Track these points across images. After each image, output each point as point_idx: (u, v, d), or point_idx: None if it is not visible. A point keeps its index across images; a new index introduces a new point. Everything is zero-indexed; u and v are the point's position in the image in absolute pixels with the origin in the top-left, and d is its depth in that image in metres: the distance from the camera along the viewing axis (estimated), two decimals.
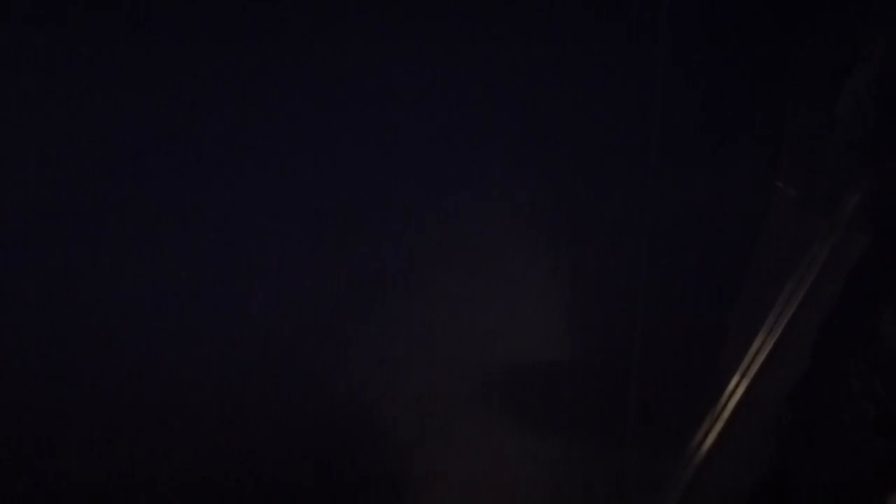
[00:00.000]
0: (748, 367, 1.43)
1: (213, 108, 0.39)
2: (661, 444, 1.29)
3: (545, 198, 0.72)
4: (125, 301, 0.40)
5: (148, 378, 0.44)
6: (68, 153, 0.35)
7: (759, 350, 1.44)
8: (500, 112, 0.58)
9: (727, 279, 1.15)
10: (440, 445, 0.75)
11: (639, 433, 1.04)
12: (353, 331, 0.58)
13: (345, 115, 0.45)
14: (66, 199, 0.35)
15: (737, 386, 1.41)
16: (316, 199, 0.47)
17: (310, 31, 0.40)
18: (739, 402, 1.41)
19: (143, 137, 0.37)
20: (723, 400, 1.40)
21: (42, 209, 0.35)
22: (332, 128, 0.45)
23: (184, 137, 0.38)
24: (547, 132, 0.65)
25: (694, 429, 1.36)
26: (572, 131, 0.67)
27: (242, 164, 0.42)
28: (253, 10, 0.37)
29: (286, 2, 0.39)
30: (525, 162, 0.65)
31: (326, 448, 0.62)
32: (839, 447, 1.02)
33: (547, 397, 0.91)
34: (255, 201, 0.44)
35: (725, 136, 0.90)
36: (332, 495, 0.65)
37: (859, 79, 1.20)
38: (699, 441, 1.36)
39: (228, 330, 0.47)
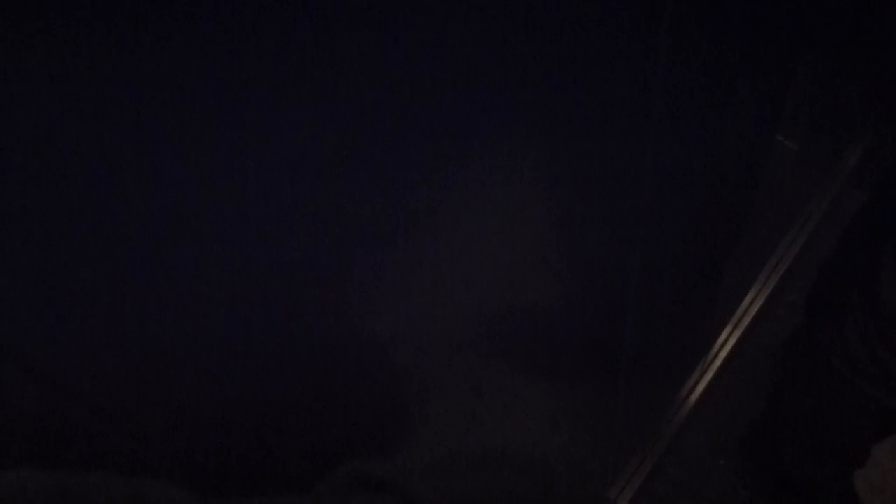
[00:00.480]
0: (741, 318, 1.44)
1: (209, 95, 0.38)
2: (654, 391, 1.31)
3: (545, 139, 0.72)
4: (131, 226, 0.40)
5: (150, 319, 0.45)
6: (67, 151, 0.35)
7: (753, 302, 1.46)
8: (495, 62, 0.58)
9: (724, 230, 1.16)
10: (439, 384, 0.76)
11: (632, 379, 1.06)
12: (354, 274, 0.58)
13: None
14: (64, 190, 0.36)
15: (729, 336, 1.43)
16: (318, 142, 0.48)
17: (309, 28, 0.40)
18: (731, 353, 1.42)
19: (142, 133, 0.37)
20: (715, 349, 1.41)
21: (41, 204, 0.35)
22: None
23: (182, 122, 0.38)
24: (547, 72, 0.65)
25: (685, 376, 1.38)
26: (573, 80, 0.67)
27: (242, 106, 0.42)
28: (252, 10, 0.37)
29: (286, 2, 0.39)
30: (526, 104, 0.65)
31: (330, 389, 0.63)
32: (832, 397, 1.03)
33: (543, 342, 0.92)
34: (257, 143, 0.44)
35: (727, 89, 0.90)
36: (335, 435, 0.66)
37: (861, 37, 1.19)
38: (690, 388, 1.38)
39: (232, 276, 0.48)
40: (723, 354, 1.41)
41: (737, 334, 1.43)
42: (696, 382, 1.38)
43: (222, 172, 0.42)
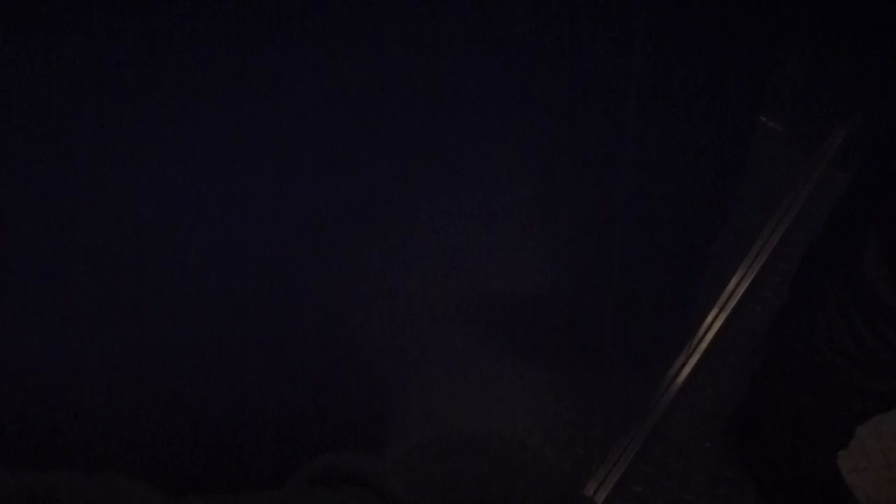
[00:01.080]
0: (727, 301, 1.44)
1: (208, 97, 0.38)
2: (639, 374, 1.31)
3: (528, 134, 0.72)
4: (122, 217, 0.40)
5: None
6: (66, 149, 0.34)
7: (738, 284, 1.46)
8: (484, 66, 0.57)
9: (709, 213, 1.16)
10: (417, 372, 0.76)
11: (616, 363, 1.06)
12: (342, 257, 0.58)
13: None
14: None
15: (715, 318, 1.43)
16: (306, 134, 0.47)
17: (308, 29, 0.40)
18: (716, 336, 1.43)
19: (141, 132, 0.36)
20: (700, 332, 1.42)
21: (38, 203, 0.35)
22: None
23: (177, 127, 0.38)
24: (529, 67, 0.64)
25: (671, 359, 1.38)
26: (553, 65, 0.67)
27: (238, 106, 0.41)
28: (252, 9, 0.37)
29: (286, 2, 0.38)
30: (508, 103, 0.65)
31: (319, 373, 0.63)
32: (816, 379, 1.03)
33: (524, 328, 0.92)
34: (250, 141, 0.43)
35: (710, 71, 0.89)
36: (310, 425, 0.66)
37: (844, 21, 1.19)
38: (676, 371, 1.38)
39: (223, 269, 0.47)
40: (709, 337, 1.42)
41: (722, 317, 1.44)
42: (682, 365, 1.39)
43: (214, 174, 0.42)
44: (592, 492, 1.23)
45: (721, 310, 1.44)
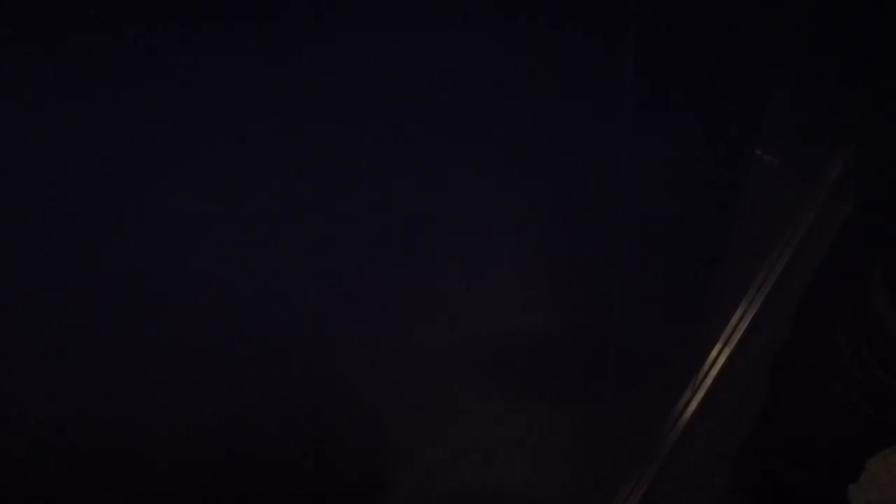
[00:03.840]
0: (731, 335, 1.44)
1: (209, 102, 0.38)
2: (645, 411, 1.30)
3: (527, 173, 0.72)
4: (122, 280, 0.40)
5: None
6: (67, 149, 0.34)
7: (742, 317, 1.46)
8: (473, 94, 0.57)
9: (709, 247, 1.15)
10: (423, 421, 0.75)
11: (622, 401, 1.05)
12: (343, 306, 0.57)
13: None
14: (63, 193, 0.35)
15: (720, 352, 1.42)
16: (311, 189, 0.47)
17: (308, 29, 0.40)
18: (721, 371, 1.42)
19: (141, 133, 0.36)
20: (706, 366, 1.41)
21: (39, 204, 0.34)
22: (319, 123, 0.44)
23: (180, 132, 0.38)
24: (523, 109, 0.65)
25: (677, 395, 1.37)
26: (546, 102, 0.67)
27: (240, 156, 0.41)
28: (253, 10, 0.37)
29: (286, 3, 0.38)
30: (501, 140, 0.65)
31: (322, 428, 0.62)
32: (824, 411, 1.02)
33: (531, 367, 0.91)
34: (254, 192, 0.43)
35: (704, 107, 0.90)
36: (317, 475, 0.65)
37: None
38: (682, 407, 1.37)
39: (224, 323, 0.47)
40: (714, 371, 1.41)
41: (727, 351, 1.43)
42: (689, 401, 1.38)
43: (214, 189, 0.41)
44: None
45: (725, 345, 1.43)
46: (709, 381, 1.40)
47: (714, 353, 1.43)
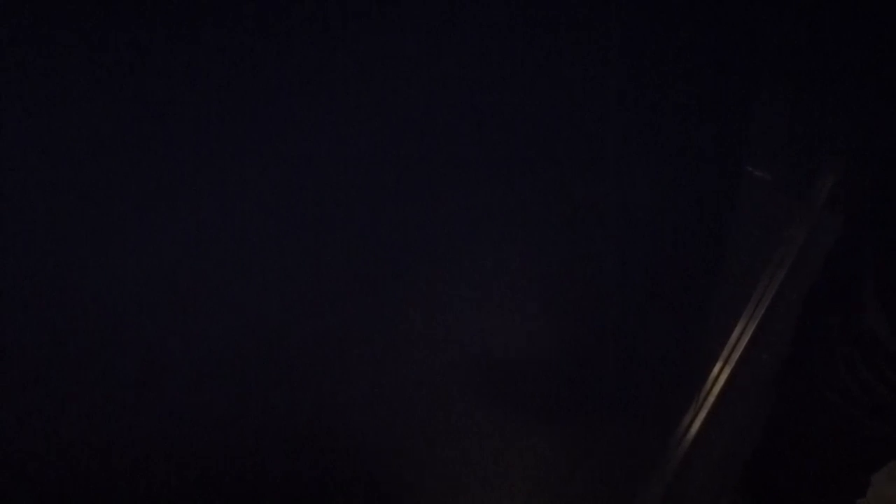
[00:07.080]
0: (731, 353, 1.43)
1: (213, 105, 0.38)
2: (649, 434, 1.29)
3: (526, 191, 0.72)
4: (126, 293, 0.40)
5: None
6: (69, 149, 0.34)
7: (742, 335, 1.45)
8: (475, 105, 0.58)
9: (703, 267, 1.15)
10: (426, 450, 0.75)
11: (624, 426, 1.04)
12: (352, 327, 0.57)
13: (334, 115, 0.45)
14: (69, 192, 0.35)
15: (720, 371, 1.42)
16: (316, 196, 0.47)
17: (309, 31, 0.40)
18: (723, 388, 1.41)
19: (146, 133, 0.36)
20: (707, 386, 1.40)
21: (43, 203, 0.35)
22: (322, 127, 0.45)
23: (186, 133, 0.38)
24: (525, 124, 0.65)
25: (680, 417, 1.37)
26: (544, 119, 0.67)
27: (244, 159, 0.42)
28: (254, 10, 0.37)
29: (286, 3, 0.39)
30: (504, 154, 0.65)
31: (318, 456, 0.62)
32: (827, 427, 1.02)
33: (534, 388, 0.91)
34: (258, 195, 0.43)
35: (692, 126, 0.90)
36: (334, 486, 0.65)
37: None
38: (686, 428, 1.36)
39: (229, 330, 0.47)
40: (715, 391, 1.40)
41: (728, 369, 1.42)
42: (692, 421, 1.37)
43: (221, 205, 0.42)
44: None
45: (726, 362, 1.43)
46: (711, 400, 1.39)
47: (715, 371, 1.42)
